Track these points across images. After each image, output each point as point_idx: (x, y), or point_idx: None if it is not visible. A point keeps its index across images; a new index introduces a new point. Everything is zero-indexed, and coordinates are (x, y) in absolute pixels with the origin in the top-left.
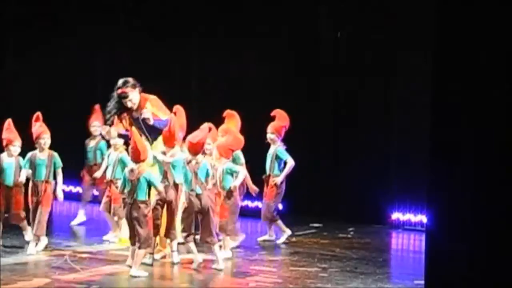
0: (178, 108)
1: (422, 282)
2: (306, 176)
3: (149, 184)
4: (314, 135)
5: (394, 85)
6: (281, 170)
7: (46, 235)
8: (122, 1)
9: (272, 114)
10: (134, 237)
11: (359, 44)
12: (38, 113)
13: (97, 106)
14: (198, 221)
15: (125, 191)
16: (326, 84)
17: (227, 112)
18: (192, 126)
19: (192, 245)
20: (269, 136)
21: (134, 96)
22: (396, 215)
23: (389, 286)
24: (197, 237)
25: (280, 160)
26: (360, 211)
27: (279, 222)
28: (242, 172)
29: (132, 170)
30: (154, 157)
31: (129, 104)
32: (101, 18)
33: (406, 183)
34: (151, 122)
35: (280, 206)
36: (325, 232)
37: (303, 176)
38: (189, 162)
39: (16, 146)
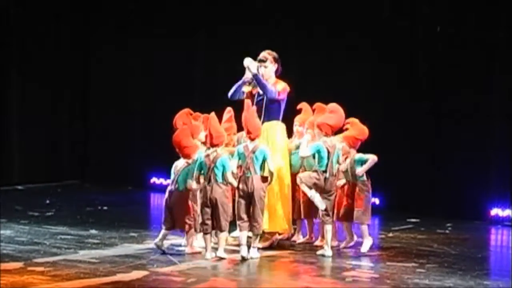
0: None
1: None
2: (404, 171)
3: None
4: (412, 130)
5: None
6: None
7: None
8: None
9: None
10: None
11: (458, 40)
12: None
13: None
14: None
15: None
16: (424, 79)
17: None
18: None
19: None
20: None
21: (270, 67)
22: (495, 211)
23: (488, 283)
24: None
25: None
26: (458, 207)
27: None
28: (373, 158)
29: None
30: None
31: (261, 70)
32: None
33: (506, 178)
34: (259, 76)
35: (377, 201)
36: (422, 227)
37: (400, 171)
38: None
39: None
